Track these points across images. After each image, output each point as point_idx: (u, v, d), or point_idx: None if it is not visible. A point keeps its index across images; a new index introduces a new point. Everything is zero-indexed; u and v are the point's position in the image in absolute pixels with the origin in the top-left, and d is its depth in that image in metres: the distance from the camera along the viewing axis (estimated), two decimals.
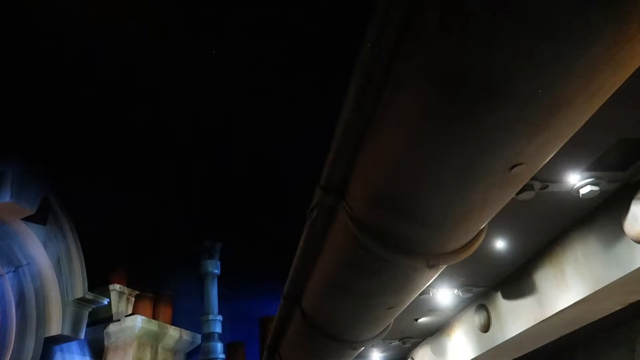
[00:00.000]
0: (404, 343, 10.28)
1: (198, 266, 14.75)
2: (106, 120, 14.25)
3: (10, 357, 10.15)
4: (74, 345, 11.42)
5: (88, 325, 11.38)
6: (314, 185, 4.28)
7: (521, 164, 2.86)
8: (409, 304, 5.44)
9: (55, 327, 10.67)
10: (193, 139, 15.31)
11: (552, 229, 5.95)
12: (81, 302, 11.08)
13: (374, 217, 3.68)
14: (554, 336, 7.42)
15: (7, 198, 10.00)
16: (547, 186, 4.72)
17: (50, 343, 10.74)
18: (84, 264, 11.24)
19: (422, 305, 8.05)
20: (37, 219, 10.77)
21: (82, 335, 11.14)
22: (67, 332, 10.71)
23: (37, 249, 10.87)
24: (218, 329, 13.98)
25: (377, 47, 2.82)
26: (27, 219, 10.63)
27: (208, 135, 15.28)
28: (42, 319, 10.71)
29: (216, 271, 14.66)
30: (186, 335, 13.79)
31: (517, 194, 4.35)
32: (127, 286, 13.64)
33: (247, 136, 15.56)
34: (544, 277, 6.53)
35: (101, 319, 12.51)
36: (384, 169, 3.25)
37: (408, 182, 3.16)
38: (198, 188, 16.66)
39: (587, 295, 5.75)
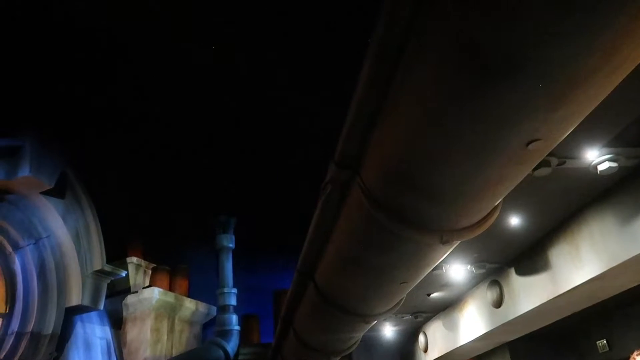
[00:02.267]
0: (416, 317, 10.39)
1: (213, 240, 14.93)
2: (122, 94, 14.31)
3: (33, 326, 10.47)
4: (93, 315, 11.74)
5: (107, 297, 11.65)
6: (329, 161, 4.28)
7: (538, 139, 2.81)
8: (421, 279, 5.47)
9: (75, 298, 10.95)
10: (210, 114, 15.34)
11: (568, 205, 5.90)
12: (100, 274, 11.33)
13: (387, 192, 3.67)
14: (568, 312, 7.43)
15: (26, 172, 10.16)
16: (565, 162, 4.66)
17: (71, 313, 11.05)
18: (102, 236, 11.45)
19: (435, 281, 8.10)
20: (56, 192, 10.95)
21: (102, 306, 11.43)
22: (87, 302, 10.99)
23: (56, 222, 11.09)
24: (233, 301, 14.22)
25: (393, 19, 2.77)
26: (45, 193, 10.82)
27: (224, 111, 15.29)
28: (62, 289, 11.00)
29: (231, 245, 14.83)
30: (202, 307, 14.08)
31: (534, 170, 4.30)
32: (144, 259, 13.90)
33: (262, 111, 15.53)
34: (559, 254, 6.51)
35: (119, 290, 12.80)
36: (399, 144, 3.22)
37: (423, 158, 3.13)
38: (214, 162, 16.76)
39: (602, 272, 5.73)
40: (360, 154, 3.89)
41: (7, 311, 10.59)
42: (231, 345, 13.31)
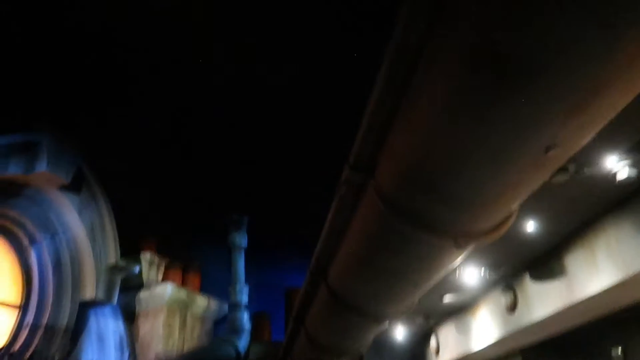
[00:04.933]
0: (428, 320, 10.33)
1: (226, 238, 15.01)
2: (138, 90, 14.44)
3: (48, 319, 10.63)
4: (107, 309, 11.89)
5: (120, 291, 11.79)
6: (343, 161, 4.27)
7: (557, 146, 2.77)
8: (435, 282, 5.43)
9: (89, 292, 11.12)
10: (225, 112, 15.42)
11: (585, 212, 5.82)
12: (114, 268, 11.48)
13: (402, 195, 3.65)
14: (583, 320, 7.34)
15: (43, 167, 10.33)
16: (583, 169, 4.59)
17: (85, 307, 11.21)
18: (116, 232, 11.60)
19: (448, 284, 8.03)
20: (72, 188, 11.11)
21: (115, 300, 11.58)
22: (100, 296, 11.15)
23: (72, 217, 11.25)
24: (244, 298, 14.28)
25: (411, 22, 2.75)
26: (62, 188, 10.98)
27: (239, 109, 15.36)
28: (77, 283, 11.17)
29: (243, 243, 14.90)
30: (214, 304, 14.17)
31: (552, 176, 4.24)
32: (157, 255, 14.03)
33: (278, 111, 15.57)
34: (575, 261, 6.42)
35: (133, 285, 12.93)
36: (415, 147, 3.20)
37: (439, 162, 3.11)
38: (228, 161, 16.86)
39: (619, 281, 5.64)
40: (375, 156, 3.87)
41: (22, 303, 10.77)
42: (242, 343, 13.38)
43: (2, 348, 8.72)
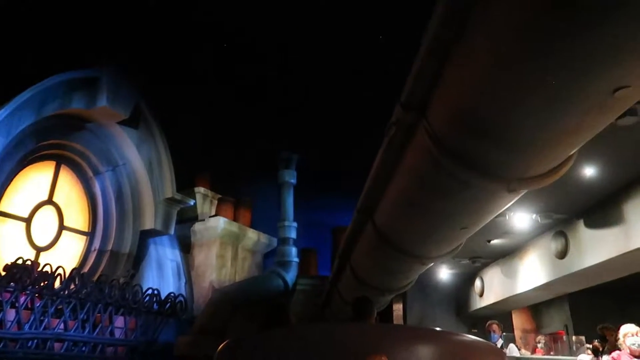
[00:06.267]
0: (473, 262, 10.34)
1: (276, 175, 15.31)
2: (194, 29, 14.45)
3: (113, 245, 11.41)
4: (165, 239, 12.60)
5: (176, 223, 12.41)
6: (395, 101, 4.17)
7: (627, 86, 2.59)
8: (483, 225, 5.37)
9: (149, 222, 11.77)
10: (279, 51, 15.26)
11: None
12: (170, 201, 12.03)
13: (455, 137, 3.55)
14: (638, 269, 7.13)
15: (103, 102, 10.71)
16: None
17: (145, 236, 11.92)
18: (172, 166, 12.06)
19: (497, 227, 7.94)
20: (130, 123, 11.53)
21: (172, 231, 12.23)
22: (159, 227, 11.79)
23: (131, 151, 11.75)
24: (293, 234, 14.71)
25: None
26: (121, 123, 11.40)
27: (293, 48, 15.14)
28: (137, 214, 11.83)
29: (292, 181, 15.15)
30: (264, 238, 14.73)
31: (617, 118, 4.00)
32: (211, 190, 14.57)
33: (332, 50, 15.25)
34: (634, 208, 6.16)
35: (188, 218, 13.59)
36: (471, 87, 3.06)
37: (497, 103, 2.97)
38: (280, 100, 16.88)
39: None
40: (428, 96, 3.75)
41: (89, 230, 11.58)
42: (290, 276, 13.94)
43: (74, 269, 9.50)
